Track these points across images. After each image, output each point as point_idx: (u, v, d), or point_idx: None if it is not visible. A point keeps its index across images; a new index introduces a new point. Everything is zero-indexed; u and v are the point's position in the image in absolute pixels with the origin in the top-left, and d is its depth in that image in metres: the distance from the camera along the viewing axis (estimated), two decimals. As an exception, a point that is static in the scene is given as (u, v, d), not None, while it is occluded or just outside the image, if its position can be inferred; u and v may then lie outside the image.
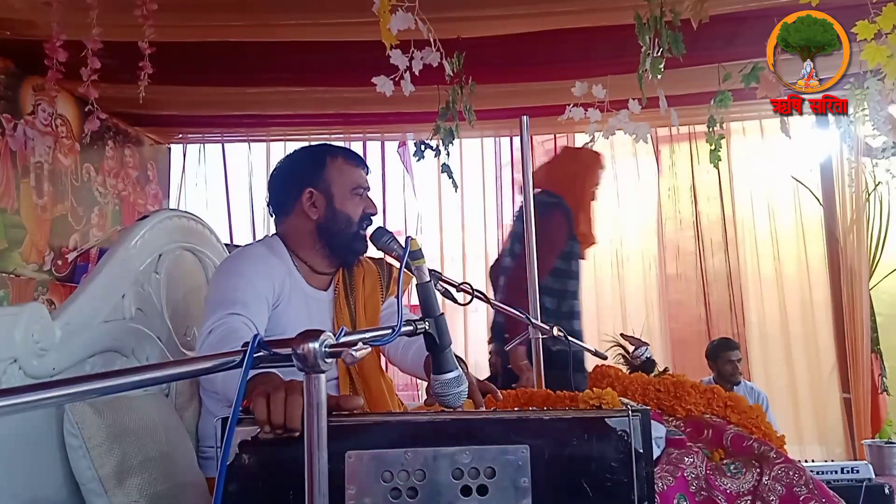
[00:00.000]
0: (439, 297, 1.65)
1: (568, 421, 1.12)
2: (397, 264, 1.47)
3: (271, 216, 1.89)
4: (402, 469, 1.07)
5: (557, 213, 2.98)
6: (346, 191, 1.78)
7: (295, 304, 1.74)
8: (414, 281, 1.33)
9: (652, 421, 1.15)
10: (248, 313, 1.55)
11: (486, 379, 4.95)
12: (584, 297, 5.54)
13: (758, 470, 1.50)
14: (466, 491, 1.07)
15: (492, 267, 3.46)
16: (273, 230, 1.91)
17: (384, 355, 2.04)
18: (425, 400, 1.47)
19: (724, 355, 4.22)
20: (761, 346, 5.20)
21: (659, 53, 2.77)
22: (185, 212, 2.13)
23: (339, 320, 1.80)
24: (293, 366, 0.87)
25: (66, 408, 1.41)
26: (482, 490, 1.07)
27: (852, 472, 2.70)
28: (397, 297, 1.20)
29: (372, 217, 1.81)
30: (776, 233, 5.24)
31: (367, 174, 1.85)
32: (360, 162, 1.84)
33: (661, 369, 2.59)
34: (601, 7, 3.34)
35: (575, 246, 3.06)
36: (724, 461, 1.55)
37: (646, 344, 2.92)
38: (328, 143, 2.12)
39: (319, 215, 1.77)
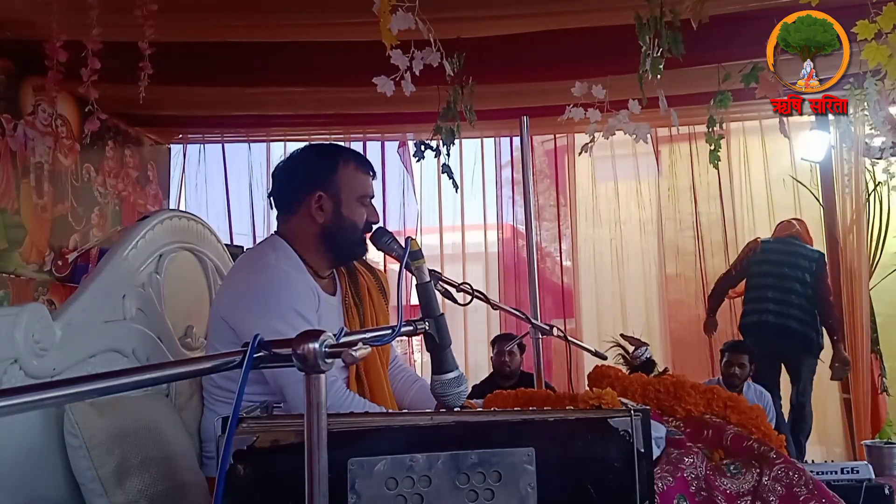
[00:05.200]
0: (439, 297, 1.65)
1: (572, 422, 1.11)
2: (391, 271, 1.48)
3: (271, 209, 1.88)
4: (406, 476, 1.04)
5: None
6: (354, 198, 1.77)
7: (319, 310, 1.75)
8: (414, 281, 1.33)
9: (652, 421, 1.15)
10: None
11: (486, 378, 4.95)
12: (584, 298, 5.59)
13: (758, 470, 1.50)
14: (473, 496, 1.05)
15: None
16: (273, 229, 1.90)
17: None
18: None
19: (727, 356, 4.16)
20: (761, 346, 5.19)
21: (659, 53, 2.77)
22: (185, 212, 2.13)
23: (351, 325, 1.80)
24: (293, 366, 0.87)
25: (66, 408, 1.41)
26: (489, 495, 1.06)
27: (852, 473, 2.69)
28: (398, 298, 1.20)
29: (373, 225, 1.81)
30: (776, 233, 5.24)
31: (373, 180, 1.85)
32: (369, 168, 1.83)
33: (660, 369, 2.59)
34: (601, 7, 3.34)
35: None
36: (724, 461, 1.55)
37: (646, 344, 2.91)
38: (339, 144, 2.11)
39: (325, 219, 1.76)
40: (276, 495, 1.03)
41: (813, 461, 3.57)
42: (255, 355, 0.88)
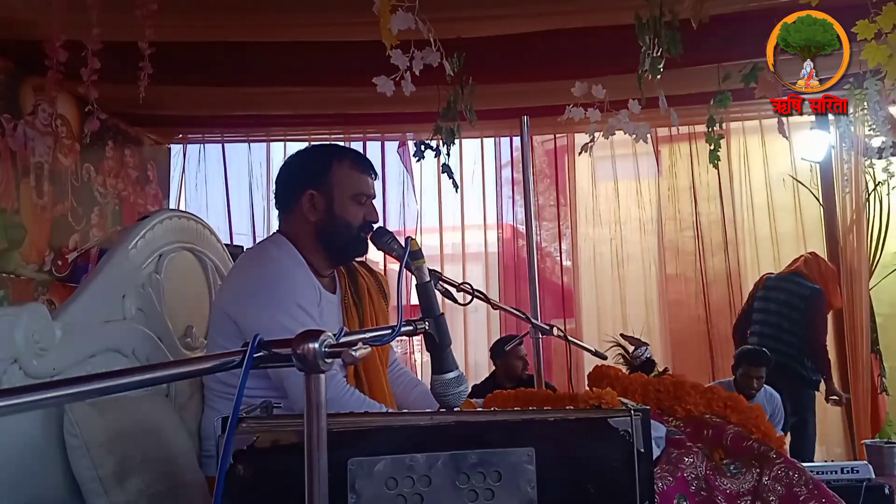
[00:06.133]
0: (439, 297, 1.65)
1: (572, 422, 1.11)
2: (391, 271, 1.48)
3: (276, 208, 1.89)
4: (406, 476, 1.04)
5: None
6: (347, 196, 1.77)
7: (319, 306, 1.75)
8: (414, 281, 1.33)
9: (652, 421, 1.15)
10: None
11: (485, 379, 4.94)
12: (584, 298, 5.59)
13: (757, 470, 1.50)
14: (473, 496, 1.05)
15: None
16: (272, 229, 1.91)
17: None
18: None
19: (744, 367, 4.13)
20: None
21: (658, 53, 2.77)
22: (186, 212, 2.13)
23: (350, 324, 1.80)
24: (293, 365, 0.87)
25: (66, 408, 1.41)
26: (489, 495, 1.05)
27: (852, 472, 2.70)
28: (398, 298, 1.21)
29: (373, 225, 1.81)
30: (776, 233, 5.24)
31: (373, 180, 1.84)
32: (367, 168, 1.83)
33: (660, 369, 2.58)
34: (601, 7, 3.34)
35: None
36: (724, 461, 1.55)
37: (646, 344, 2.91)
38: (338, 144, 2.12)
39: (318, 217, 1.77)
40: (276, 495, 1.03)
41: (813, 461, 3.57)
42: (254, 355, 0.88)
